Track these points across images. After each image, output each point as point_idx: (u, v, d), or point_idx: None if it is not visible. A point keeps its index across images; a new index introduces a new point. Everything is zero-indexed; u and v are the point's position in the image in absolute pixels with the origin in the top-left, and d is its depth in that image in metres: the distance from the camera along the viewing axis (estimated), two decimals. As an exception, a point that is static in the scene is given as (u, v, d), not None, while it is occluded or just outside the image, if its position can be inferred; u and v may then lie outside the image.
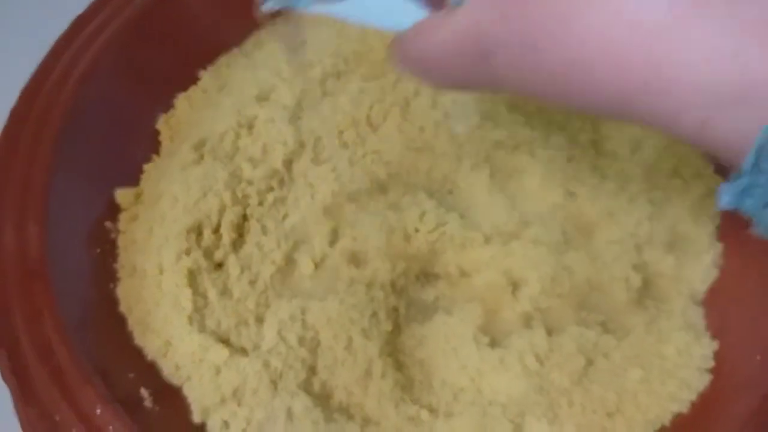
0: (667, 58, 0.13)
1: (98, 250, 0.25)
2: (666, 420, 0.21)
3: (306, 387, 0.21)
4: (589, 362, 0.21)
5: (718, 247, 0.24)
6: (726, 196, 0.13)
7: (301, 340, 0.22)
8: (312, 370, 0.21)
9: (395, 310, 0.23)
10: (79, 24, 0.28)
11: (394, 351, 0.22)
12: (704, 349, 0.22)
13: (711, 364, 0.22)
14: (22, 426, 0.20)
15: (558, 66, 0.14)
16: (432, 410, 0.21)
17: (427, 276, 0.24)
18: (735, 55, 0.12)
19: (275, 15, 0.19)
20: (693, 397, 0.21)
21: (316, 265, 0.24)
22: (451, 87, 0.18)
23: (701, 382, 0.21)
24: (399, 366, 0.22)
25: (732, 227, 0.24)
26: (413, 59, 0.17)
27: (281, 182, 0.26)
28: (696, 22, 0.13)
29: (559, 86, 0.14)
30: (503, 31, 0.15)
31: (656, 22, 0.13)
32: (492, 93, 0.15)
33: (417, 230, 0.24)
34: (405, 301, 0.23)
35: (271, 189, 0.25)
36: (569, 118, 0.26)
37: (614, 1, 0.13)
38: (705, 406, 0.21)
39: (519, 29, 0.14)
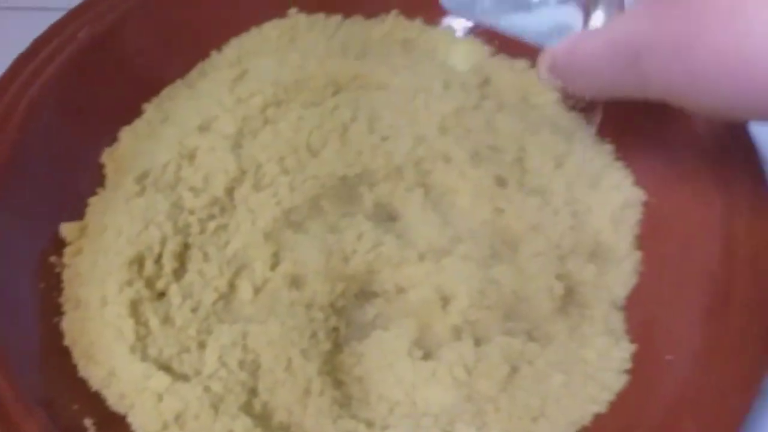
0: None
1: (43, 285, 0.25)
2: (587, 420, 0.22)
3: (247, 409, 0.22)
4: (515, 370, 0.22)
5: (637, 255, 0.26)
6: None
7: (242, 364, 0.22)
8: (253, 392, 0.22)
9: (335, 329, 0.24)
10: (21, 62, 0.29)
11: (333, 369, 0.23)
12: (623, 352, 0.23)
13: (628, 365, 0.23)
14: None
15: (712, 65, 0.14)
16: (369, 424, 0.22)
17: (366, 295, 0.25)
18: None
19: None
20: (611, 397, 0.22)
21: (258, 290, 0.25)
22: (596, 92, 0.19)
23: (619, 382, 0.23)
24: (338, 384, 0.23)
25: (650, 236, 0.26)
26: (563, 67, 0.18)
27: (223, 210, 0.26)
28: None
29: (709, 86, 0.15)
30: (656, 33, 0.15)
31: None
32: (635, 97, 0.17)
33: (355, 251, 0.25)
34: (345, 320, 0.24)
35: (212, 217, 0.26)
36: (496, 137, 0.27)
37: None
38: (622, 405, 0.22)
39: (672, 30, 0.15)
